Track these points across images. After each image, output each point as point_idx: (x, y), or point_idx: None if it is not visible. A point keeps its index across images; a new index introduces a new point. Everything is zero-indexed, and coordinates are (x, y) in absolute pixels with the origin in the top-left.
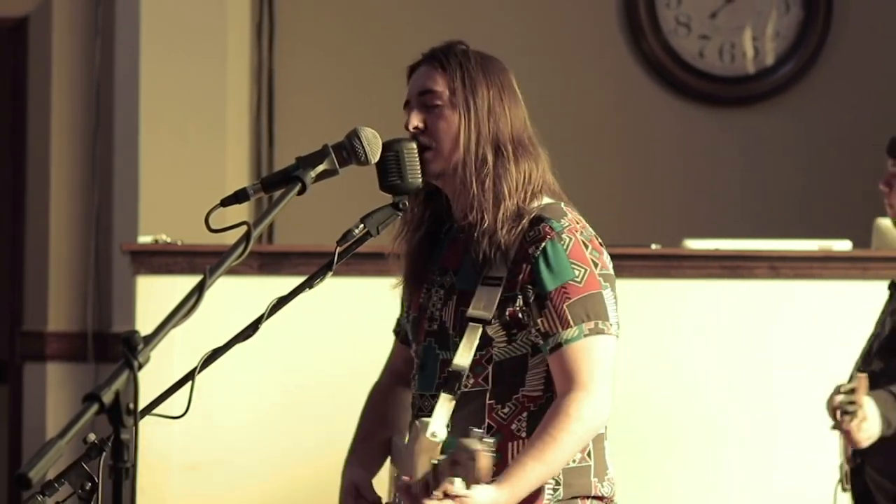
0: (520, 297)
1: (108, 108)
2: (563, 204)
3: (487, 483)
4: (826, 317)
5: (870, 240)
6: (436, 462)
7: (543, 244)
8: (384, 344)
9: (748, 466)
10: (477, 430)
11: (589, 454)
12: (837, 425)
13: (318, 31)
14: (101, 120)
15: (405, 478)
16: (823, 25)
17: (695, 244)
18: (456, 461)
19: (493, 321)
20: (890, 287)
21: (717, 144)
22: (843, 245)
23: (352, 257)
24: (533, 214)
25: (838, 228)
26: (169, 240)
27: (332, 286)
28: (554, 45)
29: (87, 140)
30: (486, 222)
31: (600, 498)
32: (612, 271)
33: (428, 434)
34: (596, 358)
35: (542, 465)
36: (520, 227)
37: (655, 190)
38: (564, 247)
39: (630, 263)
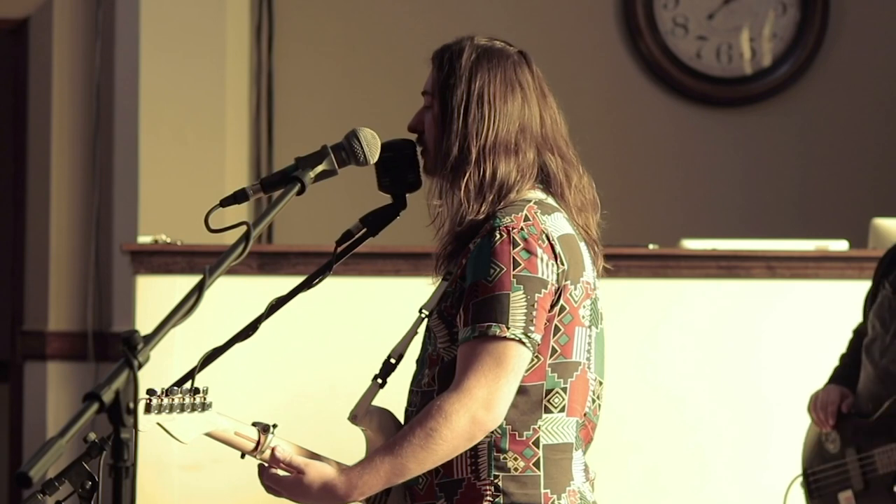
0: (455, 292)
1: (108, 110)
2: (535, 201)
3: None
4: (822, 316)
5: (866, 239)
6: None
7: (479, 240)
8: (382, 342)
9: (744, 465)
10: (351, 416)
11: (537, 464)
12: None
13: (317, 32)
14: (101, 121)
15: None
16: (820, 27)
17: (692, 244)
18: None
19: (433, 315)
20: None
21: (715, 145)
22: (840, 245)
23: (350, 257)
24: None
25: (835, 228)
26: (168, 240)
27: (331, 286)
28: (552, 45)
29: (88, 141)
30: (444, 224)
31: None
32: (542, 275)
33: (349, 416)
34: (478, 359)
35: (390, 456)
36: (479, 225)
37: (653, 190)
38: (492, 244)
39: (628, 263)
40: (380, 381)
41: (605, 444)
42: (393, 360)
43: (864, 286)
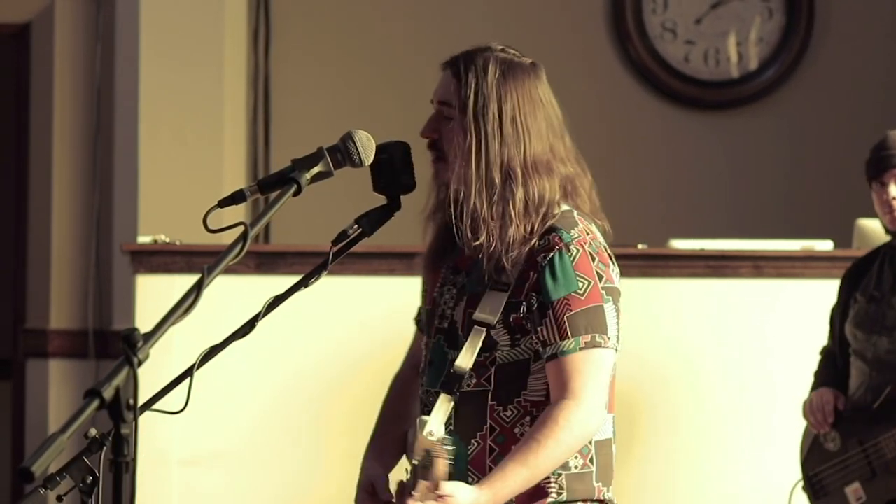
0: (524, 303)
1: (108, 112)
2: (576, 213)
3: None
4: (808, 315)
5: (851, 240)
6: (415, 463)
7: (552, 254)
8: (377, 339)
9: (733, 462)
10: (440, 434)
11: (591, 460)
12: (815, 426)
13: (313, 37)
14: (101, 123)
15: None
16: (805, 31)
17: (680, 244)
18: (424, 465)
19: (497, 325)
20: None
21: (702, 147)
22: (825, 245)
23: (346, 257)
24: (547, 225)
25: (820, 229)
26: (168, 240)
27: (327, 285)
28: (543, 49)
29: (88, 143)
30: (493, 246)
31: (603, 502)
32: (617, 284)
33: (425, 433)
34: (589, 369)
35: (525, 469)
36: (529, 244)
37: (642, 191)
38: (571, 258)
39: (617, 263)
40: (448, 395)
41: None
42: (459, 375)
43: None
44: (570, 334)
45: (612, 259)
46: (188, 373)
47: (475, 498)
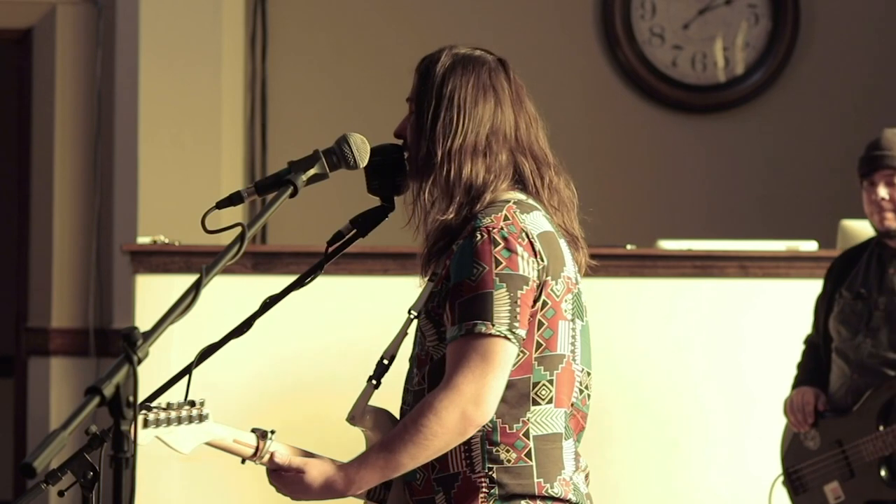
0: (441, 292)
1: (108, 115)
2: (514, 201)
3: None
4: (793, 314)
5: (835, 240)
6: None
7: (461, 241)
8: (372, 338)
9: (720, 459)
10: (353, 416)
11: (529, 454)
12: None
13: (309, 42)
14: (102, 126)
15: None
16: (791, 36)
17: (668, 244)
18: None
19: (421, 314)
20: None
21: (690, 150)
22: (810, 245)
23: (341, 257)
24: (475, 212)
25: (805, 229)
26: (167, 240)
27: (323, 285)
28: (535, 54)
29: (89, 145)
30: (419, 228)
31: (551, 498)
32: (523, 272)
33: (347, 417)
34: (467, 356)
35: (385, 452)
36: (453, 228)
37: (631, 193)
38: (473, 244)
39: (606, 263)
40: (374, 382)
41: (574, 444)
42: (385, 361)
43: None
44: (455, 321)
45: (534, 247)
46: (187, 370)
47: (328, 476)
